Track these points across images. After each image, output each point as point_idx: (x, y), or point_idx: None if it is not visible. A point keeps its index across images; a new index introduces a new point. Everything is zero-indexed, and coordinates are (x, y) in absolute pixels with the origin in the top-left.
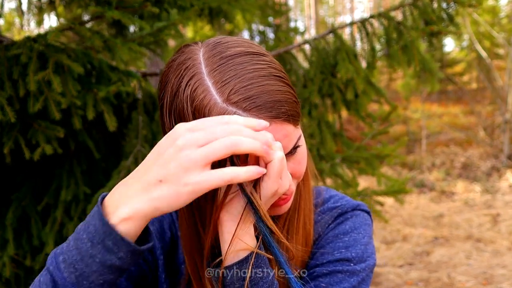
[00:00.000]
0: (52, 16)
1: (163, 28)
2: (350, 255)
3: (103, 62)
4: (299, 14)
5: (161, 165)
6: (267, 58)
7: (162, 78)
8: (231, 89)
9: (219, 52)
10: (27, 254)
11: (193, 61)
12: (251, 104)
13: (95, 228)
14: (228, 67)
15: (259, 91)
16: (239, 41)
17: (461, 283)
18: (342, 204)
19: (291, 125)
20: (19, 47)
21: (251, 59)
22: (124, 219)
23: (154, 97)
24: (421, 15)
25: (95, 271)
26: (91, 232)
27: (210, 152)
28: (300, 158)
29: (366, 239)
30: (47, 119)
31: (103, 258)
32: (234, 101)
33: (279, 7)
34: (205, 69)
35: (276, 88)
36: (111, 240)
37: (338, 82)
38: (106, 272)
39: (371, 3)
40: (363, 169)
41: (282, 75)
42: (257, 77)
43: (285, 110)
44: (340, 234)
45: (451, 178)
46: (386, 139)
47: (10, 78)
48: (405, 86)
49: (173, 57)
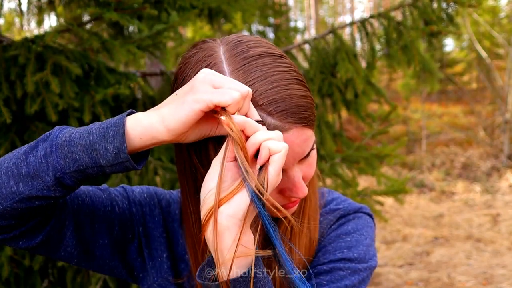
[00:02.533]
0: (52, 16)
1: (162, 31)
2: (352, 255)
3: (101, 63)
4: (299, 14)
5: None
6: (288, 60)
7: (178, 74)
8: (255, 90)
9: (242, 51)
10: (26, 254)
11: (214, 59)
12: (277, 108)
13: (111, 120)
14: (252, 67)
15: (284, 95)
16: (259, 41)
17: (461, 283)
18: (344, 207)
19: (311, 130)
20: (17, 48)
21: (274, 60)
22: (135, 123)
23: (154, 97)
24: (421, 15)
25: (81, 144)
26: (107, 121)
27: (220, 93)
28: (312, 161)
29: (368, 241)
30: (44, 121)
31: (94, 140)
32: (259, 104)
33: (279, 7)
34: (227, 68)
35: (299, 93)
36: (113, 130)
37: (338, 82)
38: (87, 152)
39: (371, 3)
40: (363, 169)
41: (302, 78)
42: (282, 79)
43: (307, 115)
44: (342, 234)
45: (451, 178)
46: (386, 139)
47: (7, 79)
48: (405, 86)
49: (190, 53)
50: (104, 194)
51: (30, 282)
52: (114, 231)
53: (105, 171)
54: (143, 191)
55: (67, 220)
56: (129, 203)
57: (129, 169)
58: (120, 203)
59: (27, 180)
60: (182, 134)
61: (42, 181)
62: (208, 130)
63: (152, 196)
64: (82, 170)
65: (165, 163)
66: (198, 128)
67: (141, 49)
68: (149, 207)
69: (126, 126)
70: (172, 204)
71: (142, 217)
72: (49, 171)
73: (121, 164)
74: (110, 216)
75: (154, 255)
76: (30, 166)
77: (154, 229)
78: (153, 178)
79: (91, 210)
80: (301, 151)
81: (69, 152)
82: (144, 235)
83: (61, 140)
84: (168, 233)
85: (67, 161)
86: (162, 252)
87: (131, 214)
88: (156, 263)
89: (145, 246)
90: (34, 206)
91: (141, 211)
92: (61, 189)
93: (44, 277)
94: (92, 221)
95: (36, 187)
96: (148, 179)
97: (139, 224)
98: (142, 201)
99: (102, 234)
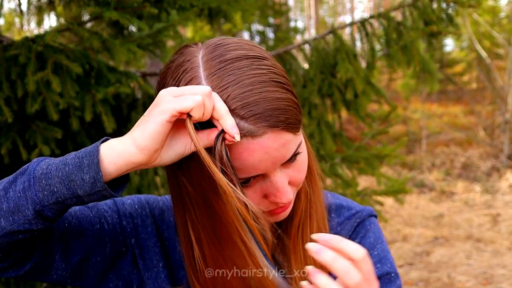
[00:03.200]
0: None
1: (162, 29)
2: (388, 268)
3: (101, 62)
4: (299, 14)
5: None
6: (269, 62)
7: (160, 79)
8: (228, 95)
9: (219, 55)
10: None
11: (191, 64)
12: (249, 112)
13: (86, 149)
14: (226, 71)
15: (258, 98)
16: (240, 43)
17: (461, 283)
18: (357, 211)
19: (290, 133)
20: (18, 47)
21: (251, 63)
22: (109, 149)
23: (154, 98)
24: (421, 16)
25: (58, 176)
26: (82, 151)
27: (181, 100)
28: (300, 166)
29: (387, 246)
30: (45, 120)
31: (70, 171)
32: (231, 108)
33: (279, 7)
34: (203, 73)
35: (275, 96)
36: (88, 159)
37: (338, 82)
38: (64, 184)
39: (371, 3)
40: (363, 169)
41: (283, 80)
42: (256, 83)
43: (284, 118)
44: (369, 249)
45: (451, 178)
46: (386, 139)
47: (8, 78)
48: (405, 86)
49: (172, 58)
50: (92, 212)
51: (30, 282)
52: (106, 248)
53: (84, 201)
54: (134, 202)
55: (55, 245)
56: (119, 217)
57: (107, 198)
58: (109, 218)
59: (8, 215)
60: (155, 152)
61: (23, 215)
62: (182, 148)
63: (144, 207)
64: (61, 202)
65: None
66: (170, 146)
67: (141, 48)
68: (141, 217)
69: (100, 154)
70: (165, 212)
71: (133, 229)
72: (28, 204)
73: (99, 193)
74: (100, 234)
75: (149, 266)
76: (10, 201)
77: (148, 240)
78: (153, 178)
79: (79, 231)
80: (281, 156)
81: (46, 185)
82: (137, 247)
83: (38, 173)
84: (162, 242)
85: (45, 194)
86: (157, 262)
87: (122, 228)
88: (152, 273)
89: (139, 257)
90: (18, 239)
91: (132, 223)
92: (43, 222)
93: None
94: (81, 242)
95: (17, 221)
96: (148, 180)
97: (131, 236)
98: (133, 213)
99: (94, 253)
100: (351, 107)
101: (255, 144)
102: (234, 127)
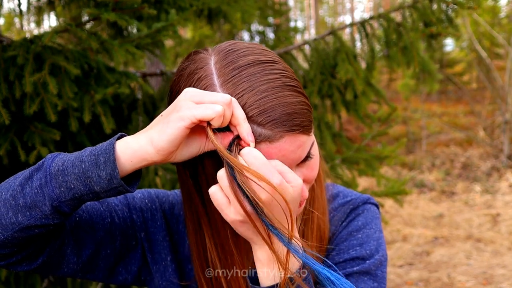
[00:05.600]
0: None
1: (161, 29)
2: (364, 253)
3: (100, 63)
4: (299, 14)
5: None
6: (280, 65)
7: (172, 86)
8: (245, 102)
9: (231, 61)
10: None
11: (204, 72)
12: (267, 118)
13: (102, 145)
14: (241, 78)
15: (273, 104)
16: (250, 48)
17: (461, 283)
18: (352, 199)
19: (305, 135)
20: (16, 48)
21: (264, 69)
22: (125, 146)
23: (154, 98)
24: (421, 17)
25: (75, 173)
26: (97, 147)
27: (203, 108)
28: (313, 164)
29: (377, 234)
30: (43, 121)
31: (86, 168)
32: (249, 115)
33: (279, 7)
34: (217, 81)
35: (290, 100)
36: (104, 157)
37: (338, 83)
38: (81, 180)
39: (370, 3)
40: (363, 170)
41: (295, 83)
42: (271, 89)
43: (299, 122)
44: (353, 231)
45: (451, 178)
46: (386, 139)
47: (6, 79)
48: (405, 86)
49: (183, 65)
50: (103, 206)
51: (30, 282)
52: (116, 241)
53: (100, 196)
54: (144, 196)
55: (66, 238)
56: (130, 211)
57: (122, 193)
58: (120, 212)
59: (25, 210)
60: (171, 153)
61: (40, 211)
62: (197, 148)
63: (154, 201)
64: (78, 198)
65: (165, 164)
66: (186, 146)
67: (140, 48)
68: (151, 212)
69: (116, 151)
70: (175, 206)
71: (143, 223)
72: (45, 200)
73: (115, 189)
74: (110, 228)
75: (157, 259)
76: (27, 197)
77: (157, 234)
78: (153, 178)
79: (90, 225)
80: (297, 157)
81: (63, 181)
82: (146, 240)
83: (54, 169)
84: (172, 236)
85: (62, 190)
86: (166, 256)
87: (132, 221)
88: (160, 266)
89: (148, 251)
90: (34, 234)
91: (142, 217)
92: (59, 216)
93: (44, 277)
94: (92, 236)
95: (34, 216)
96: (148, 180)
97: (141, 230)
98: (143, 207)
99: (105, 246)
100: (351, 107)
101: (273, 148)
102: (250, 135)
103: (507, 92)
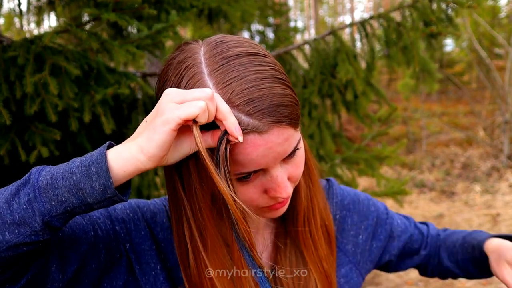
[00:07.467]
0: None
1: (162, 30)
2: (380, 211)
3: (101, 63)
4: (299, 14)
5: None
6: (269, 59)
7: (160, 76)
8: (232, 90)
9: (221, 52)
10: None
11: (193, 60)
12: (254, 108)
13: (91, 155)
14: (229, 67)
15: (262, 94)
16: (240, 41)
17: (461, 283)
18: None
19: (292, 129)
20: (16, 48)
21: (253, 60)
22: (116, 156)
23: (154, 98)
24: (421, 16)
25: (65, 186)
26: (87, 158)
27: (185, 107)
28: (299, 161)
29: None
30: (44, 121)
31: (78, 179)
32: (236, 104)
33: (279, 7)
34: (206, 69)
35: (278, 91)
36: (96, 167)
37: (338, 83)
38: (73, 193)
39: (370, 2)
40: (362, 170)
41: (283, 77)
42: (259, 79)
43: (287, 114)
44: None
45: (451, 178)
46: (386, 139)
47: (7, 80)
48: (405, 86)
49: (173, 55)
50: (84, 220)
51: None
52: (101, 255)
53: (93, 208)
54: (125, 207)
55: (50, 255)
56: (112, 222)
57: (116, 203)
58: (102, 224)
59: (13, 228)
60: (162, 158)
61: (29, 227)
62: (187, 148)
63: (135, 211)
64: (70, 211)
65: None
66: (176, 148)
67: (141, 48)
68: (133, 222)
69: (108, 161)
70: (157, 214)
71: (127, 234)
72: (35, 216)
73: (109, 200)
74: (94, 241)
75: (146, 270)
76: (15, 213)
77: (142, 244)
78: (153, 178)
79: (73, 240)
80: (283, 151)
81: (54, 195)
82: (132, 251)
83: (43, 183)
84: (158, 244)
85: (53, 204)
86: (155, 265)
87: (116, 233)
88: (150, 277)
89: (136, 262)
90: (22, 252)
91: (125, 228)
92: (50, 232)
93: None
94: (76, 251)
95: (23, 233)
96: (148, 180)
97: (126, 242)
98: (125, 218)
99: (89, 260)
100: (351, 107)
101: (261, 139)
102: (237, 128)
103: (507, 92)
